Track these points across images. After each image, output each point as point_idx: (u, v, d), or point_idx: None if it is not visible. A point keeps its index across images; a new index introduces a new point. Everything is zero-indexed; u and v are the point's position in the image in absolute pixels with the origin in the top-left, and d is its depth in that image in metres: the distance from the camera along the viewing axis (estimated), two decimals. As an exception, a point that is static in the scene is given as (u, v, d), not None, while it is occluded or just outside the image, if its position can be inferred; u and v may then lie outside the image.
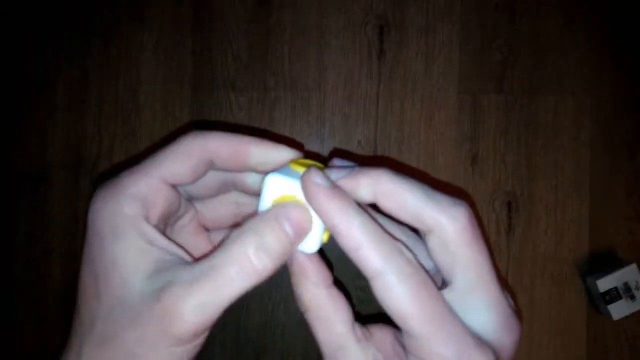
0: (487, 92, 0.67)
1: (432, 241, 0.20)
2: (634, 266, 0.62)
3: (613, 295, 0.61)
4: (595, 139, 0.67)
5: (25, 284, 0.66)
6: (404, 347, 0.20)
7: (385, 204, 0.21)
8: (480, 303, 0.20)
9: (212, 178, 0.25)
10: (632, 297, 0.62)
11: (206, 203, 0.26)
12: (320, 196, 0.20)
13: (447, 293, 0.20)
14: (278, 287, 0.66)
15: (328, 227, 0.20)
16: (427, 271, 0.20)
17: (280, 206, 0.21)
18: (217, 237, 0.27)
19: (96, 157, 0.67)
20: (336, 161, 0.23)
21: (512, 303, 0.21)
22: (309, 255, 0.22)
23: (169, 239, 0.22)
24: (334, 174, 0.22)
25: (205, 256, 0.21)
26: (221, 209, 0.27)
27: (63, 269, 0.66)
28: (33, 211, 0.67)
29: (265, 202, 0.22)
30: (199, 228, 0.26)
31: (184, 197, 0.25)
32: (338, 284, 0.23)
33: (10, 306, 0.66)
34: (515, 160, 0.67)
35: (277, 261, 0.21)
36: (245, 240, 0.20)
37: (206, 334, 0.21)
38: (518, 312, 0.21)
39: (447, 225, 0.20)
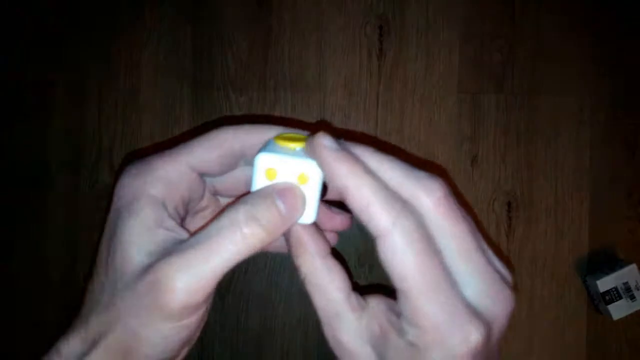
0: (487, 92, 0.67)
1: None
2: (634, 266, 0.62)
3: (613, 295, 0.61)
4: (595, 139, 0.67)
5: (25, 284, 0.66)
6: (397, 315, 0.21)
7: None
8: (466, 273, 0.20)
9: (243, 173, 0.26)
10: (632, 297, 0.62)
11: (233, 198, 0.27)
12: (330, 158, 0.21)
13: None
14: (278, 287, 0.66)
15: (338, 188, 0.21)
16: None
17: (275, 185, 0.22)
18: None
19: (96, 157, 0.67)
20: (322, 138, 0.23)
21: (506, 274, 0.21)
22: (306, 227, 0.23)
23: (182, 226, 0.23)
24: (326, 141, 0.22)
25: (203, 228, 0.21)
26: (236, 183, 0.27)
27: (63, 269, 0.66)
28: (33, 211, 0.67)
29: (258, 181, 0.23)
30: (217, 207, 0.27)
31: (210, 191, 0.26)
32: (337, 255, 0.23)
33: (10, 306, 0.66)
34: (515, 160, 0.67)
35: (268, 232, 0.21)
36: (237, 211, 0.21)
37: (199, 313, 0.21)
38: (514, 286, 0.21)
39: (424, 197, 0.20)
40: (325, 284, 0.22)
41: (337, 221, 0.27)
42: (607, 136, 0.67)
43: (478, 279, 0.20)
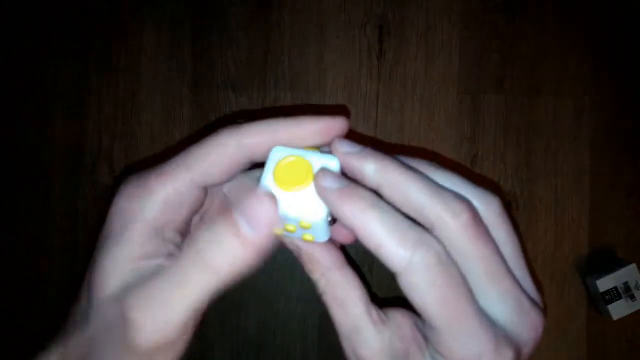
0: (487, 92, 0.67)
1: (436, 237, 0.20)
2: (634, 266, 0.62)
3: (613, 295, 0.61)
4: (595, 139, 0.67)
5: (25, 284, 0.66)
6: (423, 334, 0.20)
7: (388, 194, 0.20)
8: (493, 298, 0.19)
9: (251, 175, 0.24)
10: (632, 297, 0.62)
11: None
12: (334, 199, 0.19)
13: None
14: (278, 287, 0.66)
15: (347, 228, 0.20)
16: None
17: (242, 200, 0.19)
18: None
19: (96, 157, 0.67)
20: (342, 144, 0.22)
21: (536, 296, 0.20)
22: (315, 243, 0.22)
23: (179, 246, 0.21)
24: (346, 147, 0.21)
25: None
26: (249, 187, 0.25)
27: (63, 269, 0.66)
28: (33, 211, 0.67)
29: (269, 173, 0.21)
30: (222, 211, 0.25)
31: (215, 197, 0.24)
32: (353, 265, 0.22)
33: (10, 306, 0.66)
34: (515, 160, 0.67)
35: (238, 260, 0.19)
36: (197, 238, 0.19)
37: (176, 350, 0.19)
38: (544, 307, 0.21)
39: (449, 221, 0.19)
40: (345, 297, 0.21)
41: (341, 235, 0.24)
42: (607, 136, 0.67)
43: (506, 304, 0.19)
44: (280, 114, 0.22)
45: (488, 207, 0.20)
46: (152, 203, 0.20)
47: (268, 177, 0.21)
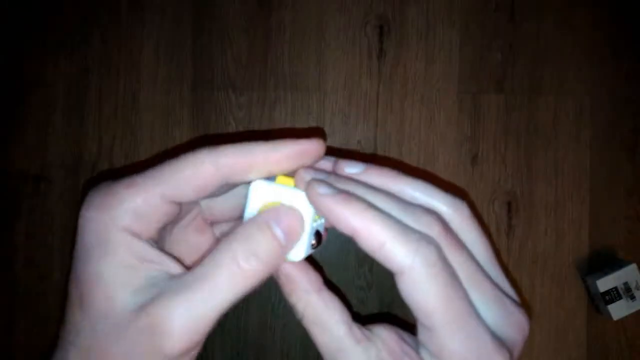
0: (487, 92, 0.67)
1: None
2: (634, 266, 0.62)
3: (613, 295, 0.61)
4: (595, 139, 0.67)
5: (25, 284, 0.67)
6: (412, 346, 0.20)
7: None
8: (481, 302, 0.19)
9: (233, 197, 0.24)
10: (632, 297, 0.62)
11: (211, 199, 0.25)
12: (331, 204, 0.20)
13: None
14: (278, 287, 0.66)
15: (346, 232, 0.20)
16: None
17: (270, 210, 0.21)
18: (223, 229, 0.26)
19: (96, 157, 0.67)
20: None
21: (515, 296, 0.21)
22: (294, 263, 0.22)
23: (163, 251, 0.21)
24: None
25: (197, 263, 0.20)
26: (227, 202, 0.25)
27: (63, 269, 0.66)
28: (33, 211, 0.67)
29: (251, 209, 0.22)
30: (202, 225, 0.25)
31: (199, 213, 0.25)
32: (330, 285, 0.22)
33: (10, 306, 0.66)
34: (515, 160, 0.67)
35: (268, 266, 0.20)
36: (234, 246, 0.20)
37: (198, 348, 0.20)
38: (525, 308, 0.21)
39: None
40: (325, 319, 0.21)
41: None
42: (607, 136, 0.67)
43: (490, 307, 0.19)
44: (254, 138, 0.22)
45: (457, 212, 0.21)
46: (122, 212, 0.20)
47: (251, 213, 0.22)
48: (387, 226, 0.19)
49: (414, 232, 0.19)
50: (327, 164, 0.23)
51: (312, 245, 0.22)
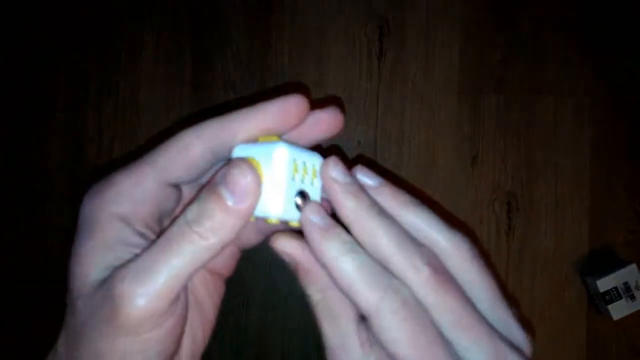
0: (487, 92, 0.67)
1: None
2: (633, 266, 0.62)
3: (613, 295, 0.61)
4: (595, 139, 0.67)
5: (25, 284, 0.66)
6: None
7: (357, 235, 0.20)
8: (466, 346, 0.19)
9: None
10: (632, 297, 0.62)
11: None
12: (314, 235, 0.20)
13: None
14: (278, 287, 0.66)
15: (321, 265, 0.20)
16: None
17: (222, 172, 0.20)
18: None
19: (96, 157, 0.67)
20: (334, 169, 0.21)
21: (519, 336, 0.20)
22: (313, 259, 0.21)
23: (152, 239, 0.21)
24: (335, 173, 0.21)
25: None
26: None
27: (63, 268, 0.66)
28: (33, 211, 0.67)
29: None
30: (207, 184, 0.25)
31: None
32: None
33: (10, 306, 0.67)
34: (515, 160, 0.67)
35: (224, 229, 0.19)
36: (187, 211, 0.20)
37: (166, 326, 0.20)
38: (530, 331, 0.21)
39: (411, 275, 0.19)
40: (338, 313, 0.21)
41: (323, 123, 0.23)
42: (607, 136, 0.67)
43: (480, 351, 0.19)
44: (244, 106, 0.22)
45: (457, 250, 0.20)
46: (116, 196, 0.21)
47: None
48: (358, 267, 0.19)
49: (384, 279, 0.19)
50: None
51: (298, 205, 0.21)
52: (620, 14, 0.67)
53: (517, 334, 0.20)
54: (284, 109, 0.21)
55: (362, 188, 0.21)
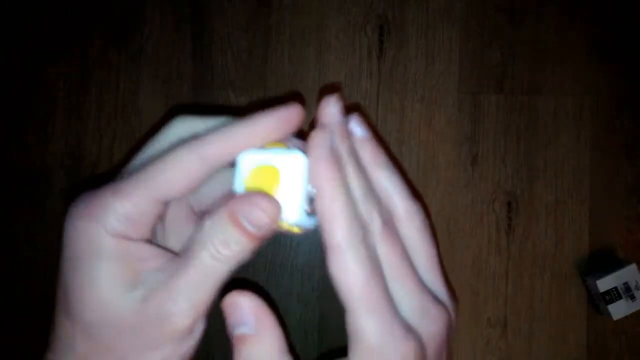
0: (487, 92, 0.67)
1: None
2: (633, 266, 0.62)
3: (613, 295, 0.61)
4: (595, 139, 0.67)
5: (25, 284, 0.66)
6: None
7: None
8: (400, 294, 0.21)
9: (218, 183, 0.25)
10: (632, 297, 0.62)
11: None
12: (319, 156, 0.21)
13: None
14: (278, 287, 0.66)
15: (314, 186, 0.21)
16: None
17: (244, 199, 0.21)
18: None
19: (96, 157, 0.67)
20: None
21: (444, 297, 0.23)
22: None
23: (157, 245, 0.22)
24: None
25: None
26: (211, 191, 0.26)
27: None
28: (33, 211, 0.67)
29: (239, 182, 0.22)
30: (189, 215, 0.25)
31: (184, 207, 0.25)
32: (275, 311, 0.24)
33: (10, 306, 0.67)
34: (515, 160, 0.67)
35: (244, 254, 0.21)
36: (212, 241, 0.21)
37: (200, 328, 0.22)
38: (452, 299, 0.23)
39: (372, 223, 0.22)
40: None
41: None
42: (607, 136, 0.67)
43: (411, 299, 0.21)
44: (229, 112, 0.22)
45: (410, 217, 0.23)
46: (113, 219, 0.20)
47: (239, 186, 0.22)
48: (345, 207, 0.21)
49: (360, 223, 0.21)
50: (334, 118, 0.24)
51: (307, 212, 0.22)
52: (620, 14, 0.67)
53: (444, 297, 0.23)
54: (285, 121, 0.22)
55: (347, 133, 0.23)
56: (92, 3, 0.68)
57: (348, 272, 0.20)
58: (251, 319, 0.23)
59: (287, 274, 0.66)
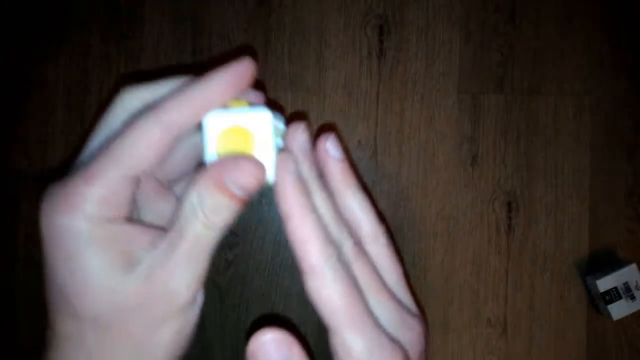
0: (487, 92, 0.67)
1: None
2: (633, 266, 0.62)
3: (613, 295, 0.61)
4: (595, 139, 0.67)
5: (25, 284, 0.67)
6: None
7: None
8: (379, 308, 0.22)
9: (186, 148, 0.25)
10: (632, 297, 0.62)
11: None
12: (287, 181, 0.21)
13: None
14: (278, 287, 0.66)
15: (282, 212, 0.21)
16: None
17: (228, 162, 0.21)
18: (183, 188, 0.26)
19: (96, 157, 0.67)
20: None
21: (411, 306, 0.24)
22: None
23: (138, 222, 0.22)
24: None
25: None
26: (179, 158, 0.25)
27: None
28: (33, 211, 0.67)
29: (210, 146, 0.22)
30: (158, 188, 0.25)
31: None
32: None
33: (10, 306, 0.67)
34: (515, 160, 0.67)
35: (235, 208, 0.21)
36: (196, 202, 0.21)
37: (201, 296, 0.22)
38: (422, 314, 0.24)
39: (345, 243, 0.23)
40: None
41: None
42: (607, 136, 0.67)
43: (388, 312, 0.22)
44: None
45: (376, 239, 0.24)
46: (90, 206, 0.20)
47: (211, 151, 0.22)
48: (316, 229, 0.21)
49: (333, 244, 0.21)
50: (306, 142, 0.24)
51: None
52: (620, 14, 0.67)
53: (415, 310, 0.24)
54: (241, 74, 0.22)
55: (314, 159, 0.23)
56: (92, 3, 0.68)
57: (328, 293, 0.20)
58: (286, 357, 0.21)
59: (287, 274, 0.66)
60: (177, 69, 0.68)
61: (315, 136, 0.24)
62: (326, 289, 0.20)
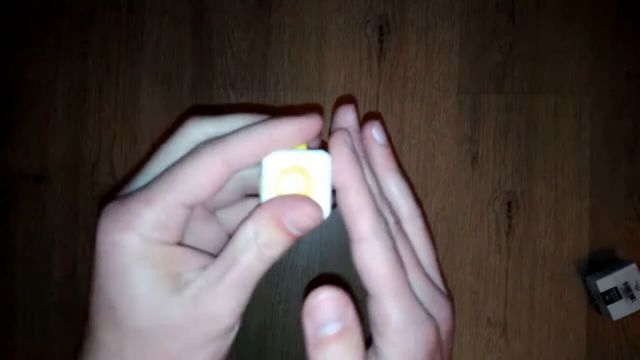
0: (487, 92, 0.67)
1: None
2: (633, 266, 0.62)
3: (613, 295, 0.61)
4: (595, 139, 0.67)
5: (25, 284, 0.67)
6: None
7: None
8: (415, 283, 0.23)
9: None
10: (632, 297, 0.62)
11: None
12: (344, 154, 0.22)
13: None
14: (278, 287, 0.66)
15: (338, 184, 0.22)
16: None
17: (285, 201, 0.22)
18: (226, 215, 0.27)
19: (96, 157, 0.67)
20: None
21: (443, 290, 0.25)
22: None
23: (189, 246, 0.23)
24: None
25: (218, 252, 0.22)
26: (227, 189, 0.26)
27: (63, 268, 0.66)
28: (33, 211, 0.67)
29: (268, 183, 0.22)
30: (205, 214, 0.26)
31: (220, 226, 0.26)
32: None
33: (10, 306, 0.67)
34: (515, 160, 0.67)
35: (286, 246, 0.22)
36: (247, 244, 0.22)
37: (239, 323, 0.23)
38: (449, 295, 0.25)
39: (388, 218, 0.24)
40: None
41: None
42: (607, 136, 0.67)
43: (423, 288, 0.23)
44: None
45: (413, 220, 0.25)
46: (148, 228, 0.21)
47: (269, 188, 0.22)
48: (370, 200, 0.22)
49: (383, 215, 0.23)
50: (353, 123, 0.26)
51: (333, 205, 0.23)
52: (620, 14, 0.67)
53: (442, 288, 0.25)
54: (306, 129, 0.23)
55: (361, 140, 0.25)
56: (92, 3, 0.68)
57: (376, 261, 0.21)
58: (341, 316, 0.21)
59: (287, 274, 0.66)
60: (243, 107, 0.68)
61: (360, 123, 0.26)
62: (374, 257, 0.21)
